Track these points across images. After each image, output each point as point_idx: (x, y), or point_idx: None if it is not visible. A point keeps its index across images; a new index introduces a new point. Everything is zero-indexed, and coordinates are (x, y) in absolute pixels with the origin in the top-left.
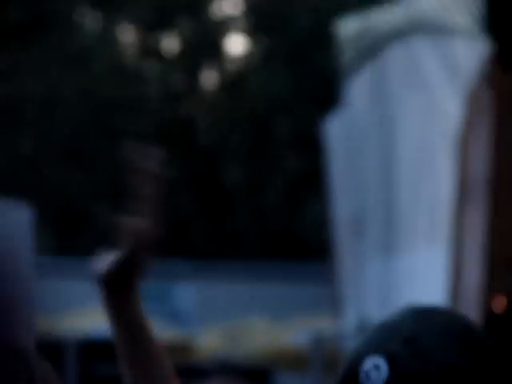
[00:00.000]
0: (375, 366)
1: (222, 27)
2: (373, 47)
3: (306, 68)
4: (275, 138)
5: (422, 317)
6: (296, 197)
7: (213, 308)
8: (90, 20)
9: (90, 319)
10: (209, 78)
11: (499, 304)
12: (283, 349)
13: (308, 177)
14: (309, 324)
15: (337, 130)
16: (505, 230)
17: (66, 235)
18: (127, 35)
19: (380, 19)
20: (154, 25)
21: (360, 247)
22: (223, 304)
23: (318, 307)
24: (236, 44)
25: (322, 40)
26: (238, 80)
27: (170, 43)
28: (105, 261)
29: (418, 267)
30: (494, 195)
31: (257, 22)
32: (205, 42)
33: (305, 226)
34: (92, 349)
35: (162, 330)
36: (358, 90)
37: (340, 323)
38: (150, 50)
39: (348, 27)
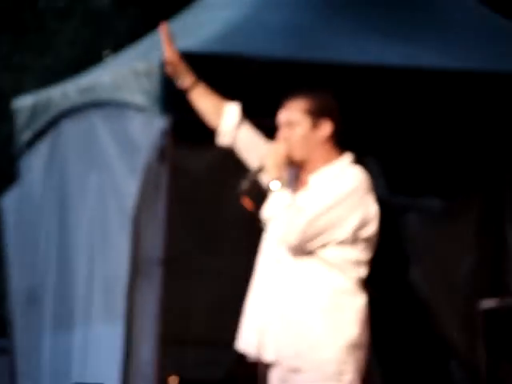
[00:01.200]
0: None
1: None
2: (49, 123)
3: None
4: None
5: None
6: None
7: None
8: None
9: None
10: None
11: (173, 382)
12: None
13: None
14: None
15: (12, 205)
16: (174, 307)
17: None
18: None
19: (57, 95)
20: None
21: (35, 321)
22: None
23: None
24: None
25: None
26: None
27: None
28: None
29: (92, 343)
30: (165, 273)
31: None
32: None
33: None
34: None
35: None
36: (33, 167)
37: None
38: None
39: (25, 104)
